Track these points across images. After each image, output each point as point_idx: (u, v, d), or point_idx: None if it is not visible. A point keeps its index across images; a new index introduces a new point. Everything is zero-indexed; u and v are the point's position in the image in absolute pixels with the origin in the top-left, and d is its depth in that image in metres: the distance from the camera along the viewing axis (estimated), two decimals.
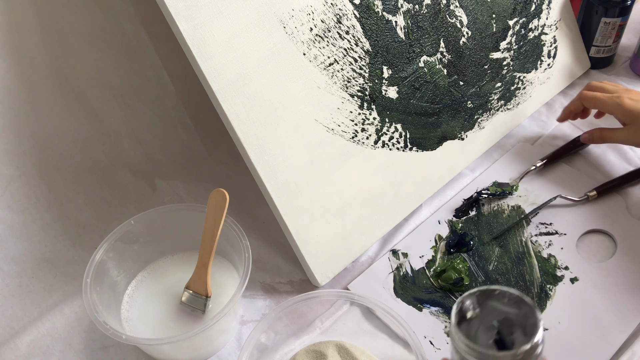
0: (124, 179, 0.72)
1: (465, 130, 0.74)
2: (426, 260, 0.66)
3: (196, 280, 0.58)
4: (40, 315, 0.61)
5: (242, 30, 0.56)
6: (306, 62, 0.60)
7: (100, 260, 0.56)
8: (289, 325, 0.59)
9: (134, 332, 0.57)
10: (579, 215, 0.69)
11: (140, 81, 0.71)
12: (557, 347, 0.57)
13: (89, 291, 0.53)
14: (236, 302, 0.53)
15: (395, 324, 0.54)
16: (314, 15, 0.60)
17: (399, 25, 0.66)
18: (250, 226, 0.70)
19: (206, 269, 0.57)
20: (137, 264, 0.62)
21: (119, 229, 0.59)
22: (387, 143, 0.67)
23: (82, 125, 0.68)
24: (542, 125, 0.83)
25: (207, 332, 0.52)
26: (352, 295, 0.57)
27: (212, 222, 0.57)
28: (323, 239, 0.62)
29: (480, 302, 0.42)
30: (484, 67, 0.75)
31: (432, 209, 0.72)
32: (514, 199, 0.72)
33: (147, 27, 0.69)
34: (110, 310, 0.56)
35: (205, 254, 0.57)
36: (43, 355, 0.58)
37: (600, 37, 0.87)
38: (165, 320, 0.58)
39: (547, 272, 0.63)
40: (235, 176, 0.76)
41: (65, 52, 0.64)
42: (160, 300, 0.60)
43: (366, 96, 0.64)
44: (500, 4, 0.76)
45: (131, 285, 0.61)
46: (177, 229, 0.62)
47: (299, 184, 0.60)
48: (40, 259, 0.65)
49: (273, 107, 0.58)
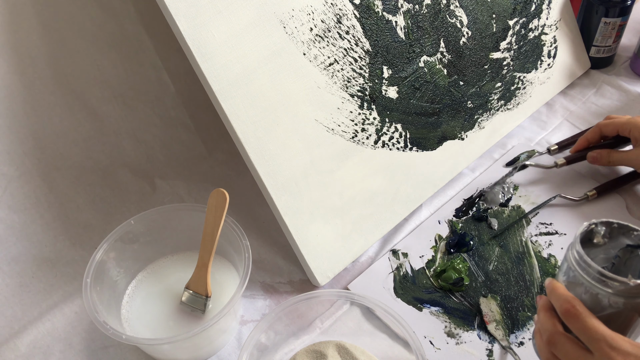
0: (124, 179, 0.72)
1: (465, 130, 0.74)
2: (426, 260, 0.66)
3: (196, 280, 0.58)
4: (40, 315, 0.61)
5: (242, 30, 0.56)
6: (306, 62, 0.60)
7: (100, 260, 0.56)
8: (289, 325, 0.59)
9: (134, 332, 0.57)
10: (579, 215, 0.69)
11: (140, 81, 0.71)
12: None
13: (89, 291, 0.53)
14: (236, 302, 0.53)
15: (395, 324, 0.54)
16: (314, 15, 0.60)
17: (399, 25, 0.66)
18: (250, 226, 0.70)
19: (206, 268, 0.57)
20: (137, 264, 0.62)
21: (119, 228, 0.59)
22: (387, 143, 0.67)
23: (82, 125, 0.68)
24: (542, 125, 0.83)
25: (207, 332, 0.52)
26: (352, 295, 0.57)
27: (212, 222, 0.57)
28: (323, 239, 0.62)
29: (613, 235, 0.42)
30: (484, 67, 0.75)
31: (432, 209, 0.72)
32: (514, 199, 0.72)
33: (147, 27, 0.69)
34: (110, 310, 0.56)
35: (205, 254, 0.57)
36: (43, 355, 0.58)
37: (600, 37, 0.87)
38: (165, 320, 0.58)
39: (547, 272, 0.63)
40: (235, 176, 0.76)
41: (65, 52, 0.64)
42: (160, 300, 0.60)
43: (366, 96, 0.64)
44: (501, 4, 0.76)
45: (131, 285, 0.61)
46: (177, 229, 0.62)
47: (299, 184, 0.60)
48: (40, 259, 0.65)
49: (273, 107, 0.58)
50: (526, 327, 0.59)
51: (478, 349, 0.57)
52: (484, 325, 0.59)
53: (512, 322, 0.59)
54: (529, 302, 0.61)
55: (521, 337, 0.58)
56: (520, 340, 0.58)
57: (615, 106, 0.85)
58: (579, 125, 0.82)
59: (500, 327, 0.59)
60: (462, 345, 0.58)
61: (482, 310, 0.60)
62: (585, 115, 0.84)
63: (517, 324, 0.59)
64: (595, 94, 0.87)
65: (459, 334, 0.58)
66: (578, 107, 0.85)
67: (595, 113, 0.84)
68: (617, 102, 0.85)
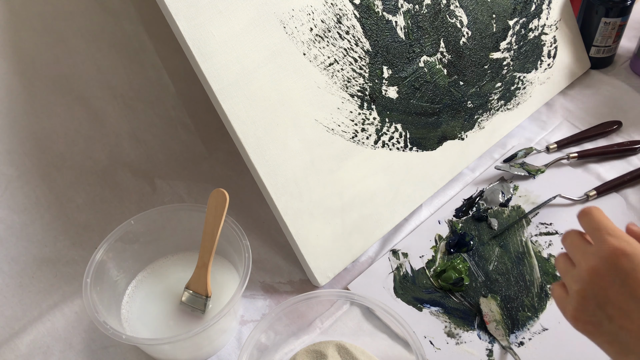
0: (124, 179, 0.72)
1: (465, 130, 0.74)
2: (426, 260, 0.66)
3: (196, 280, 0.58)
4: (40, 315, 0.61)
5: (242, 30, 0.56)
6: (306, 62, 0.60)
7: (100, 260, 0.56)
8: (289, 325, 0.59)
9: (134, 332, 0.57)
10: None
11: (140, 81, 0.71)
12: (558, 347, 0.57)
13: (89, 291, 0.53)
14: (236, 302, 0.53)
15: (395, 324, 0.54)
16: (314, 15, 0.60)
17: (399, 25, 0.66)
18: (250, 226, 0.70)
19: (206, 269, 0.57)
20: (137, 264, 0.62)
21: (119, 228, 0.59)
22: (387, 143, 0.67)
23: (82, 125, 0.68)
24: (542, 125, 0.83)
25: (207, 332, 0.52)
26: (352, 295, 0.57)
27: (212, 222, 0.57)
28: (323, 239, 0.62)
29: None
30: (484, 67, 0.75)
31: (432, 209, 0.72)
32: (514, 199, 0.72)
33: (147, 27, 0.69)
34: (110, 310, 0.56)
35: (205, 254, 0.57)
36: (43, 355, 0.58)
37: (600, 37, 0.87)
38: (165, 320, 0.58)
39: (547, 272, 0.63)
40: (235, 176, 0.76)
41: (65, 52, 0.64)
42: (161, 300, 0.60)
43: (366, 96, 0.64)
44: (501, 4, 0.76)
45: (131, 285, 0.61)
46: (177, 229, 0.62)
47: (299, 184, 0.60)
48: (40, 259, 0.65)
49: (273, 107, 0.58)
50: (526, 327, 0.59)
51: (478, 349, 0.57)
52: (484, 325, 0.59)
53: (512, 322, 0.59)
54: (528, 302, 0.61)
55: (521, 337, 0.58)
56: (520, 340, 0.58)
57: (615, 106, 0.85)
58: (579, 125, 0.82)
59: (500, 327, 0.59)
60: (462, 345, 0.58)
61: (482, 310, 0.60)
62: (585, 115, 0.84)
63: (517, 324, 0.59)
64: (595, 94, 0.87)
65: (459, 334, 0.58)
66: (578, 107, 0.85)
67: (595, 113, 0.84)
68: (617, 103, 0.85)
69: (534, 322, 0.59)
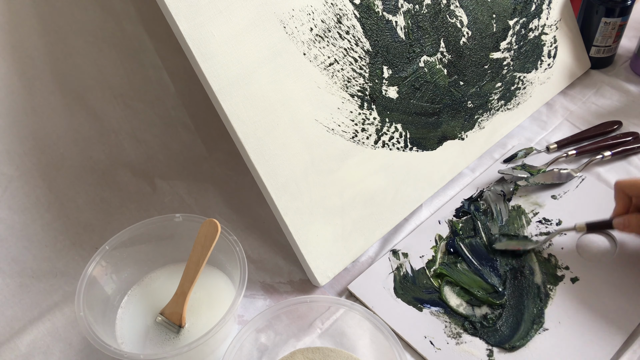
0: (124, 179, 0.72)
1: (465, 130, 0.74)
2: (426, 261, 0.66)
3: (172, 307, 0.55)
4: (40, 315, 0.61)
5: (242, 30, 0.56)
6: (306, 62, 0.60)
7: (92, 275, 0.55)
8: (289, 326, 0.59)
9: (129, 347, 0.55)
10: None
11: (140, 81, 0.71)
12: (558, 347, 0.57)
13: (81, 305, 0.52)
14: (235, 308, 0.52)
15: (386, 334, 0.52)
16: (314, 15, 0.60)
17: (399, 25, 0.66)
18: (250, 226, 0.70)
19: (184, 297, 0.55)
20: (130, 276, 0.60)
21: (112, 240, 0.57)
22: (387, 143, 0.67)
23: (82, 125, 0.68)
24: (542, 125, 0.83)
25: (207, 342, 0.51)
26: (345, 302, 0.55)
27: (200, 251, 0.54)
28: (323, 239, 0.62)
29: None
30: (484, 67, 0.75)
31: (432, 209, 0.72)
32: (514, 199, 0.72)
33: (147, 27, 0.69)
34: (105, 326, 0.55)
35: (186, 282, 0.55)
36: (43, 355, 0.58)
37: (600, 37, 0.87)
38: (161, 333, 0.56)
39: (548, 272, 0.63)
40: (235, 176, 0.76)
41: (65, 52, 0.64)
42: (154, 313, 0.58)
43: (366, 96, 0.64)
44: (501, 4, 0.76)
45: (124, 299, 0.59)
46: (172, 240, 0.60)
47: (299, 184, 0.60)
48: (40, 259, 0.65)
49: (273, 107, 0.58)
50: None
51: (478, 349, 0.57)
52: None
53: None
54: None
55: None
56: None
57: (615, 106, 0.85)
58: (579, 125, 0.82)
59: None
60: (462, 345, 0.58)
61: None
62: (585, 115, 0.84)
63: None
64: (595, 94, 0.87)
65: (460, 334, 0.58)
66: (578, 107, 0.85)
67: (596, 113, 0.84)
68: (617, 102, 0.85)
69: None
